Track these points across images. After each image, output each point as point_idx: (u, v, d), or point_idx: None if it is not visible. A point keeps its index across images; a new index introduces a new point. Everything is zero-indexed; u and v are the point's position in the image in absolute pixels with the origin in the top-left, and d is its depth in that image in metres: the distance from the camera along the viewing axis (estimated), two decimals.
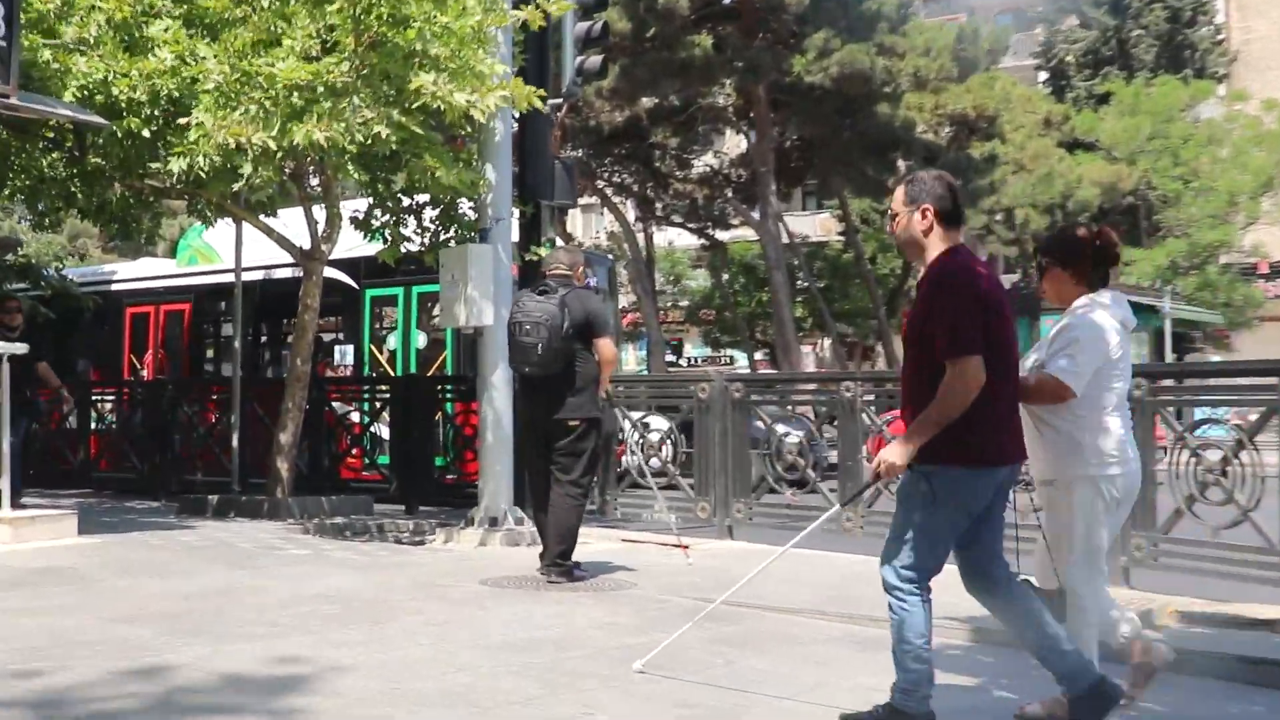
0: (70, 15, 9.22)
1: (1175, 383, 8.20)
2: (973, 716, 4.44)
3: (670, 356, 40.24)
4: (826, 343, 38.60)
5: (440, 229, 10.34)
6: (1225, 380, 8.34)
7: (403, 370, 14.37)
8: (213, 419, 13.56)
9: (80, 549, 8.25)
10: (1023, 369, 4.28)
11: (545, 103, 9.37)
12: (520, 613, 6.23)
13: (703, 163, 31.89)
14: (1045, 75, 43.32)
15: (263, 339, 16.84)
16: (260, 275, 14.29)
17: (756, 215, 28.92)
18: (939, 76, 27.46)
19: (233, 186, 9.38)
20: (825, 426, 10.10)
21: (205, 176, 9.02)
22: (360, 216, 10.66)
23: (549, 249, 9.47)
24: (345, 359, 15.49)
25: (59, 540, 8.53)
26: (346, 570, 7.63)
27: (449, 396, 12.36)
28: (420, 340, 14.46)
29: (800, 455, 9.59)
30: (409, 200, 10.49)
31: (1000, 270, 35.39)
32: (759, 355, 38.91)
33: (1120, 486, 4.27)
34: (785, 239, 31.76)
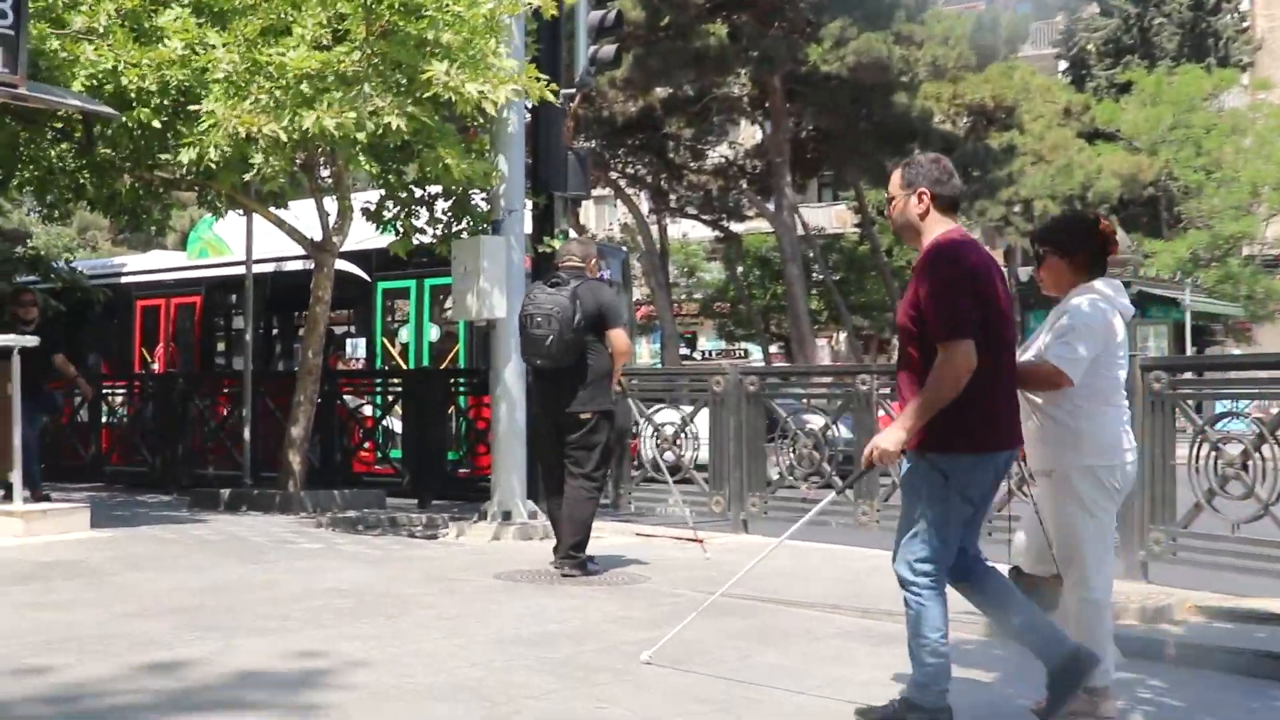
0: (79, 4, 9.20)
1: (1195, 376, 8.12)
2: (989, 712, 4.38)
3: (684, 350, 40.16)
4: (842, 336, 38.54)
5: (453, 220, 10.30)
6: (1246, 373, 8.26)
7: (415, 363, 14.35)
8: (224, 412, 13.54)
9: (92, 543, 8.25)
10: (1021, 359, 4.22)
11: (558, 95, 9.32)
12: (534, 607, 6.20)
13: (717, 154, 31.77)
14: (1065, 64, 43.02)
15: (274, 332, 16.80)
16: (271, 268, 14.28)
17: (771, 207, 28.80)
18: (957, 65, 27.27)
19: (243, 177, 9.37)
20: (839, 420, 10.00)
21: (216, 167, 8.99)
22: (372, 208, 10.63)
23: (562, 241, 9.40)
24: (357, 352, 15.47)
25: (71, 534, 8.54)
26: (359, 564, 7.61)
27: (461, 390, 12.32)
28: (433, 333, 14.42)
29: (816, 449, 9.50)
30: (421, 191, 10.47)
31: (1019, 262, 35.16)
32: (774, 348, 38.84)
33: (1120, 476, 4.21)
34: (800, 231, 31.68)
